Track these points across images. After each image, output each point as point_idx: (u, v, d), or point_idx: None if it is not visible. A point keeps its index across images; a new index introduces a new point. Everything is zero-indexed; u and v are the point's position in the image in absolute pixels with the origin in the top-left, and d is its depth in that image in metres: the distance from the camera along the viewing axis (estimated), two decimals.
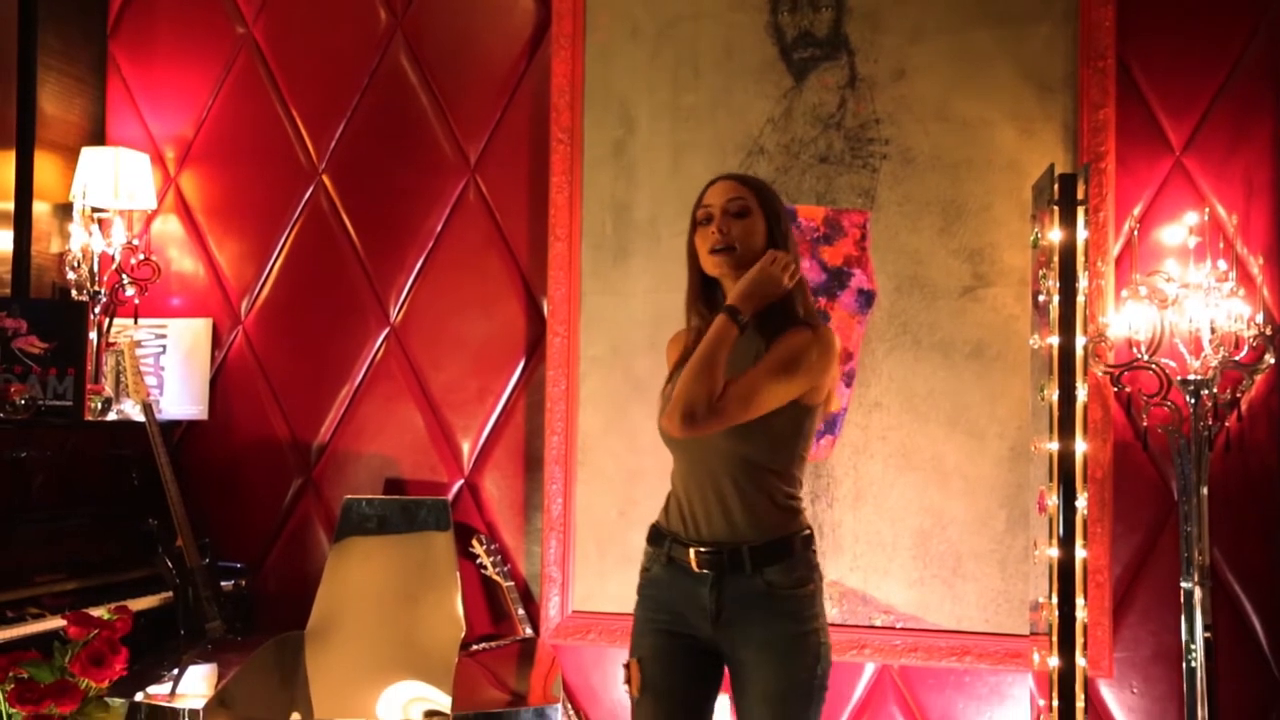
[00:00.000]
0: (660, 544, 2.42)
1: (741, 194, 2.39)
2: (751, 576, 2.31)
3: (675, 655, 2.39)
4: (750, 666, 2.30)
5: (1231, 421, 3.38)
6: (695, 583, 2.34)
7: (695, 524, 2.36)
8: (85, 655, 2.26)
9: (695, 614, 2.35)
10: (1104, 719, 3.50)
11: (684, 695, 2.40)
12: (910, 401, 3.63)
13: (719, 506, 2.34)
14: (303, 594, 3.82)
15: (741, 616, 2.31)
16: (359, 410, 4.09)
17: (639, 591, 2.47)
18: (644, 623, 2.43)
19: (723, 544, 2.32)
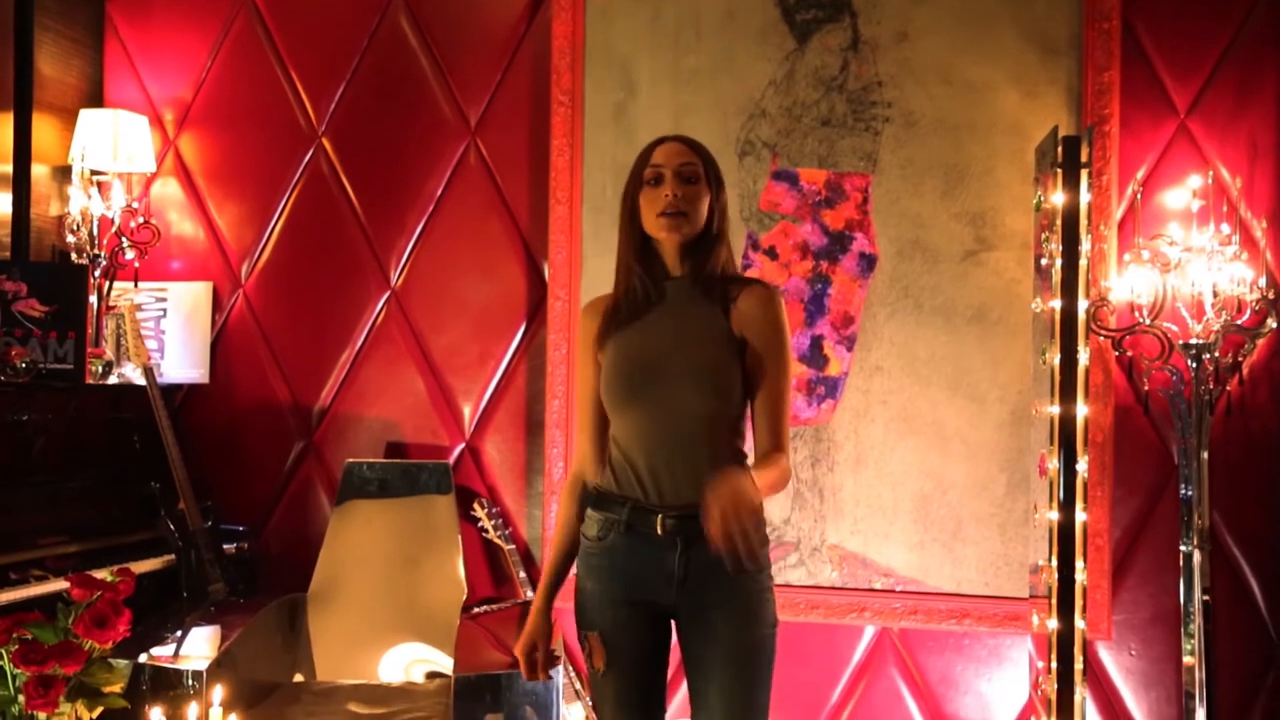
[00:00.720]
0: (616, 510, 2.33)
1: (693, 160, 2.34)
2: None
3: (637, 626, 2.36)
4: (715, 627, 2.29)
5: (1233, 385, 3.38)
6: (661, 549, 2.29)
7: (661, 489, 2.30)
8: (89, 617, 2.27)
9: (658, 581, 2.31)
10: (1102, 681, 3.52)
11: (647, 666, 2.39)
12: (911, 366, 3.63)
13: (687, 468, 2.29)
14: (305, 557, 3.83)
15: (708, 580, 2.29)
16: (360, 374, 4.09)
17: (587, 561, 2.39)
18: (599, 595, 2.37)
19: (691, 507, 2.25)
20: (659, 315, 2.36)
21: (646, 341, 2.34)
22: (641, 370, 2.32)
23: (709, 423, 2.31)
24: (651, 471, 2.31)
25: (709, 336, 2.32)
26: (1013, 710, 3.58)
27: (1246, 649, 3.44)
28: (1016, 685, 3.58)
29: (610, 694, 2.38)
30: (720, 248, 2.37)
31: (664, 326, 2.34)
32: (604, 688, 2.38)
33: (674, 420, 2.30)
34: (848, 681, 3.70)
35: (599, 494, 2.39)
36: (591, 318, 2.44)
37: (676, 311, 2.35)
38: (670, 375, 2.30)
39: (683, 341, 2.32)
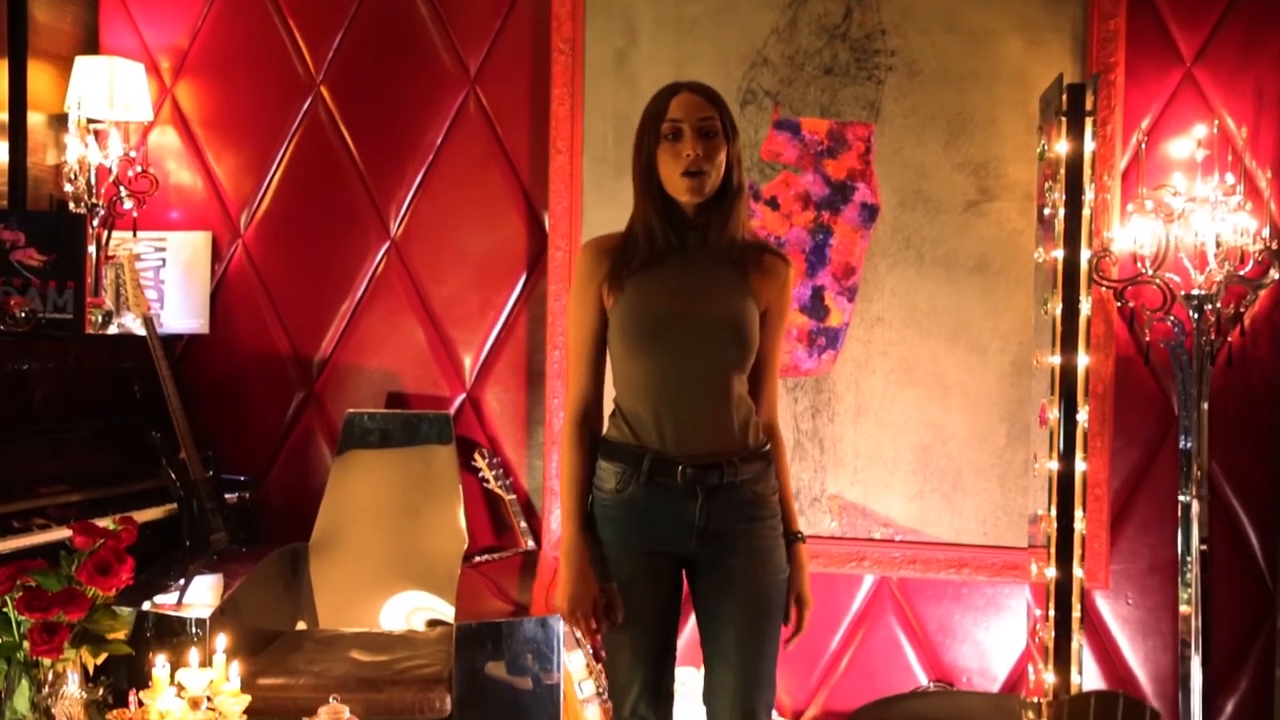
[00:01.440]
0: (634, 461, 2.30)
1: (711, 113, 2.28)
2: (740, 488, 2.31)
3: (656, 575, 2.36)
4: (732, 572, 2.32)
5: (1234, 336, 3.37)
6: (682, 499, 2.29)
7: (682, 438, 2.29)
8: (92, 564, 2.28)
9: (678, 530, 2.31)
10: (1099, 629, 3.55)
11: (664, 616, 2.39)
12: (912, 316, 3.62)
13: (710, 419, 2.30)
14: (306, 506, 3.85)
15: (728, 528, 2.31)
16: (360, 324, 4.08)
17: (604, 512, 2.36)
18: (618, 547, 2.35)
19: (711, 456, 2.29)
20: (680, 265, 2.33)
21: (671, 289, 2.31)
22: (668, 318, 2.30)
23: (731, 375, 2.33)
24: (674, 419, 2.29)
25: (735, 290, 2.33)
26: (1010, 658, 3.61)
27: (1243, 598, 3.46)
28: (1014, 634, 3.61)
29: (626, 645, 2.37)
30: (740, 202, 2.34)
31: (688, 277, 2.32)
32: (619, 639, 2.37)
33: (699, 369, 2.30)
34: (846, 630, 3.73)
35: (612, 445, 2.36)
36: (597, 258, 2.37)
37: (698, 264, 2.33)
38: (699, 325, 2.29)
39: (710, 294, 2.31)
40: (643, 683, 2.38)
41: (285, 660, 3.29)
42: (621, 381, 2.37)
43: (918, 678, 3.66)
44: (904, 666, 3.68)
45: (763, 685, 2.33)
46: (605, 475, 2.36)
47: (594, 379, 2.41)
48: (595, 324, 2.37)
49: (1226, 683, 3.47)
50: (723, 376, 2.31)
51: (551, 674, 3.23)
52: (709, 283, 2.32)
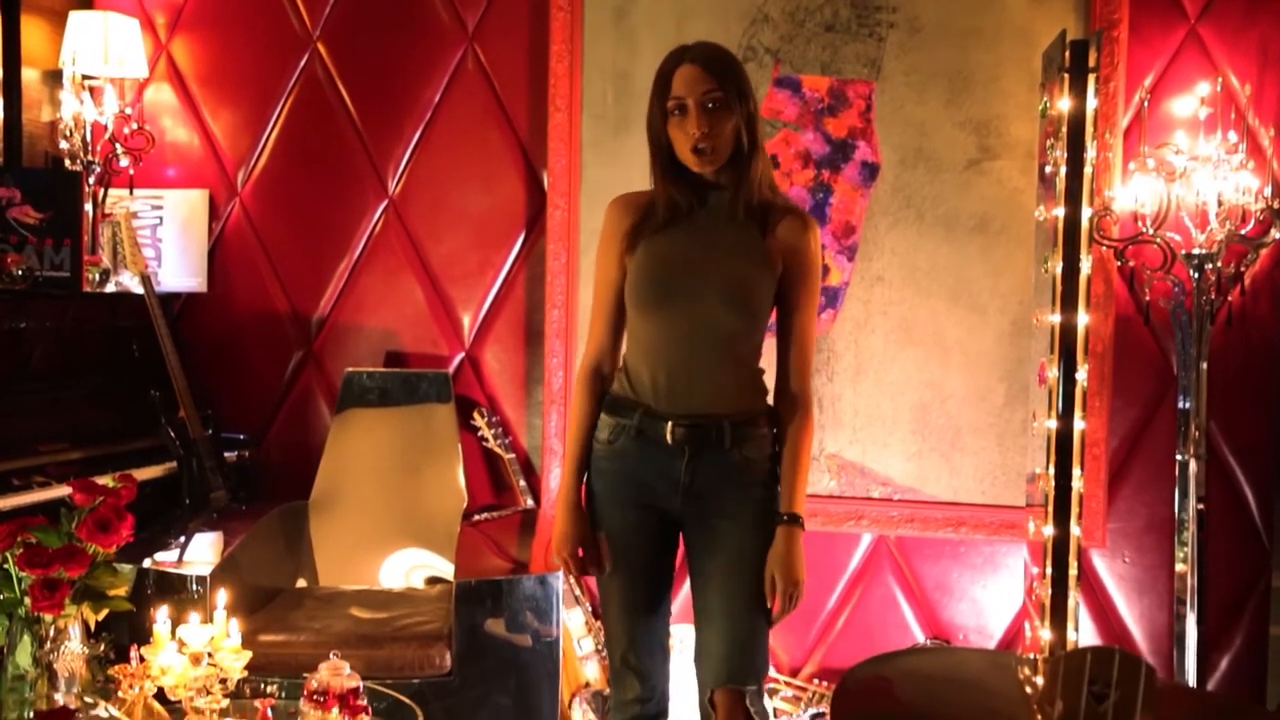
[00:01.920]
0: (627, 415, 2.35)
1: (713, 87, 2.26)
2: (729, 451, 2.31)
3: (644, 530, 2.39)
4: (720, 535, 2.33)
5: (1234, 296, 3.37)
6: (669, 456, 2.32)
7: (673, 396, 2.31)
8: (92, 521, 2.28)
9: (665, 487, 2.34)
10: (1095, 587, 3.57)
11: (653, 568, 2.42)
12: (912, 276, 3.61)
13: (705, 379, 2.31)
14: (305, 465, 3.85)
15: (714, 489, 2.32)
16: (359, 283, 4.07)
17: (597, 463, 2.41)
18: (608, 498, 2.40)
19: (702, 418, 2.30)
20: (695, 224, 2.34)
21: (680, 249, 2.32)
22: (671, 278, 2.31)
23: (733, 339, 2.32)
24: (668, 378, 2.32)
25: (745, 254, 2.31)
26: (1006, 616, 3.63)
27: (1239, 557, 3.48)
28: (1011, 592, 3.62)
29: (615, 595, 2.42)
30: (755, 163, 2.32)
31: (699, 237, 2.33)
32: (609, 589, 2.42)
33: (698, 332, 2.30)
34: (844, 588, 3.74)
35: (613, 398, 2.40)
36: (622, 213, 2.40)
37: (714, 224, 2.33)
38: (700, 287, 2.29)
39: (717, 255, 2.31)
40: (631, 633, 2.40)
41: (286, 617, 3.30)
42: (630, 338, 2.40)
43: (915, 635, 3.68)
44: (901, 624, 3.70)
45: (748, 650, 2.30)
46: (601, 427, 2.41)
47: (611, 333, 2.44)
48: (616, 279, 2.40)
49: (1221, 640, 3.50)
50: (722, 341, 2.31)
51: (550, 631, 3.25)
52: (718, 246, 2.32)
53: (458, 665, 3.15)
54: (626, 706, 2.43)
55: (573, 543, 2.40)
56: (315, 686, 2.24)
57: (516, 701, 3.21)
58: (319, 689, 2.24)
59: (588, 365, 2.45)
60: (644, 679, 2.42)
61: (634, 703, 2.43)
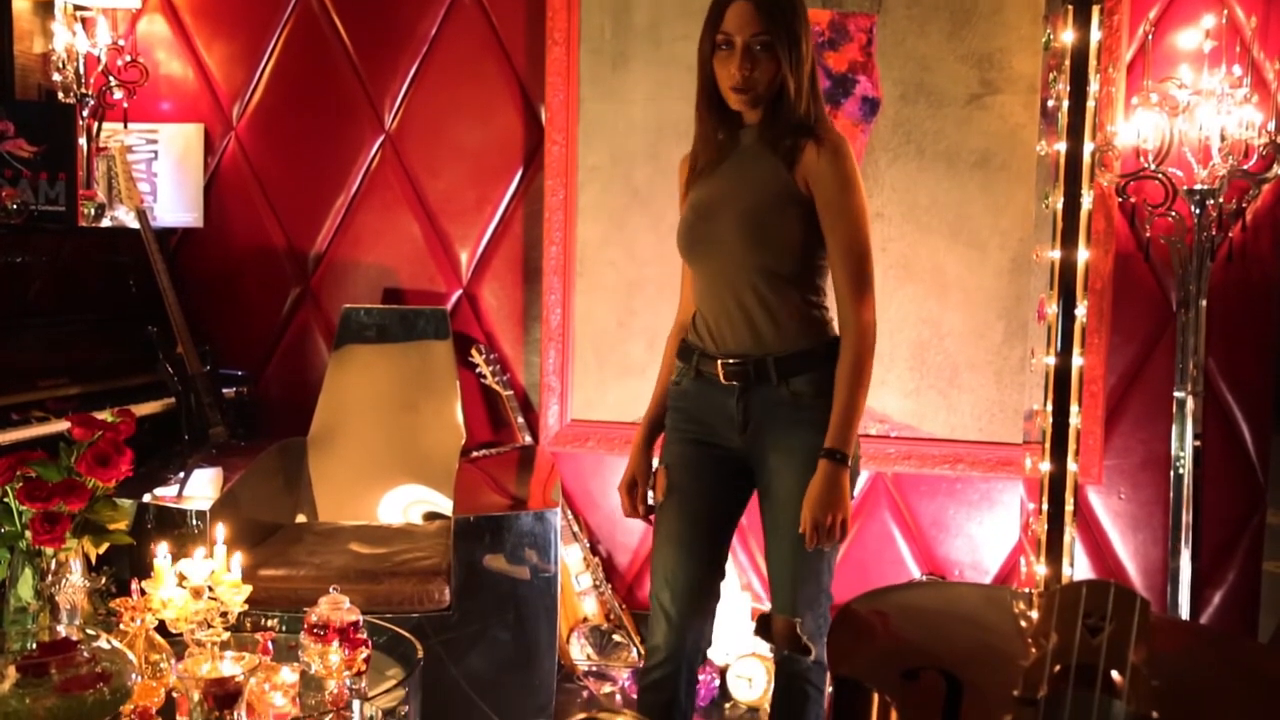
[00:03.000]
0: (689, 359, 2.44)
1: (762, 29, 2.23)
2: (777, 386, 2.33)
3: (701, 462, 2.44)
4: (775, 472, 2.34)
5: (1235, 232, 3.35)
6: (723, 394, 2.38)
7: (720, 337, 2.38)
8: (91, 455, 2.28)
9: (723, 425, 2.39)
10: (1091, 523, 3.59)
11: (707, 501, 2.44)
12: (912, 212, 3.59)
13: (742, 319, 2.34)
14: (304, 401, 3.86)
15: (769, 425, 2.35)
16: (355, 219, 4.05)
17: (670, 404, 2.51)
18: (672, 432, 2.49)
19: (748, 355, 2.34)
20: (728, 167, 2.36)
21: (709, 194, 2.37)
22: (698, 222, 2.38)
23: (761, 274, 2.32)
24: (713, 320, 2.39)
25: (764, 187, 2.30)
26: (1002, 552, 3.66)
27: (1234, 493, 3.49)
28: (1006, 528, 3.65)
29: (663, 526, 2.46)
30: (797, 102, 2.28)
31: (726, 180, 2.35)
32: (659, 520, 2.48)
33: (728, 272, 2.34)
34: None
35: (682, 345, 2.50)
36: (681, 169, 2.49)
37: (743, 163, 2.35)
38: (722, 227, 2.32)
39: (738, 193, 2.32)
40: (668, 567, 2.42)
41: (285, 552, 3.32)
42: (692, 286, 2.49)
43: (911, 572, 3.71)
44: (897, 560, 3.72)
45: (795, 583, 2.33)
46: (675, 371, 2.52)
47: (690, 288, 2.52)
48: None
49: (1214, 575, 3.52)
50: (751, 277, 2.32)
51: (549, 566, 3.27)
52: (741, 182, 2.33)
53: (456, 600, 3.17)
54: (654, 652, 2.45)
55: (630, 477, 2.52)
56: (315, 620, 2.26)
57: (515, 636, 3.24)
58: (319, 623, 2.26)
59: (676, 322, 2.58)
60: (674, 625, 2.41)
61: (660, 656, 2.43)
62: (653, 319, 3.73)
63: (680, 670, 2.43)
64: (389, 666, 2.48)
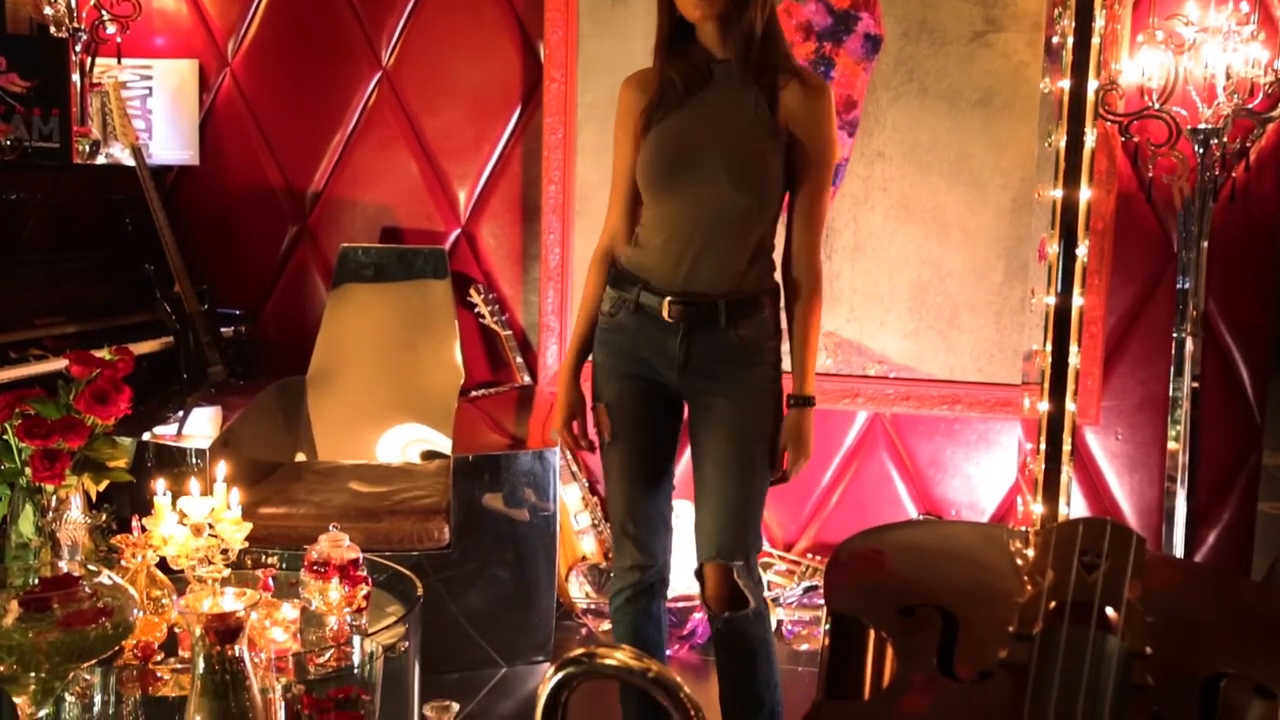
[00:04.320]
0: (628, 290, 2.36)
1: None
2: (725, 330, 2.31)
3: (643, 400, 2.40)
4: (715, 411, 2.33)
5: (1238, 172, 3.33)
6: (664, 332, 2.32)
7: (673, 273, 2.31)
8: (89, 393, 2.27)
9: (661, 362, 2.35)
10: (1087, 464, 3.60)
11: (652, 439, 2.43)
12: (913, 152, 3.56)
13: (707, 256, 2.29)
14: (302, 340, 3.85)
15: (709, 368, 2.33)
16: (353, 157, 4.02)
17: (600, 335, 2.43)
18: (608, 370, 2.42)
19: (698, 295, 2.30)
20: (702, 100, 2.29)
21: (689, 129, 2.29)
22: (678, 158, 2.29)
23: (739, 219, 2.29)
24: (674, 257, 2.31)
25: (750, 129, 2.26)
26: (999, 492, 3.67)
27: (1230, 434, 3.50)
28: (1003, 468, 3.66)
29: (615, 463, 2.44)
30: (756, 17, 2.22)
31: (705, 114, 2.29)
32: (609, 458, 2.45)
33: (704, 212, 2.29)
34: (839, 465, 3.78)
35: (617, 272, 2.40)
36: (634, 92, 2.37)
37: (721, 99, 2.28)
38: (708, 167, 2.27)
39: (723, 132, 2.27)
40: (630, 502, 2.43)
41: (285, 490, 3.33)
42: (644, 216, 2.39)
43: (908, 512, 3.73)
44: (894, 500, 3.74)
45: (736, 526, 2.33)
46: (605, 300, 2.42)
47: (627, 215, 2.42)
48: (631, 159, 2.37)
49: (1209, 515, 3.54)
50: (732, 221, 2.29)
51: (547, 505, 3.29)
52: (727, 123, 2.27)
53: (456, 539, 3.19)
54: (626, 573, 2.47)
55: (567, 415, 2.44)
56: (315, 558, 2.27)
57: (514, 574, 3.27)
58: (319, 560, 2.27)
59: (602, 246, 2.45)
60: (642, 548, 2.45)
61: (633, 569, 2.46)
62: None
63: (654, 583, 2.48)
64: (389, 604, 2.50)
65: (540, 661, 3.30)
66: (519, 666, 3.29)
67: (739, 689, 2.44)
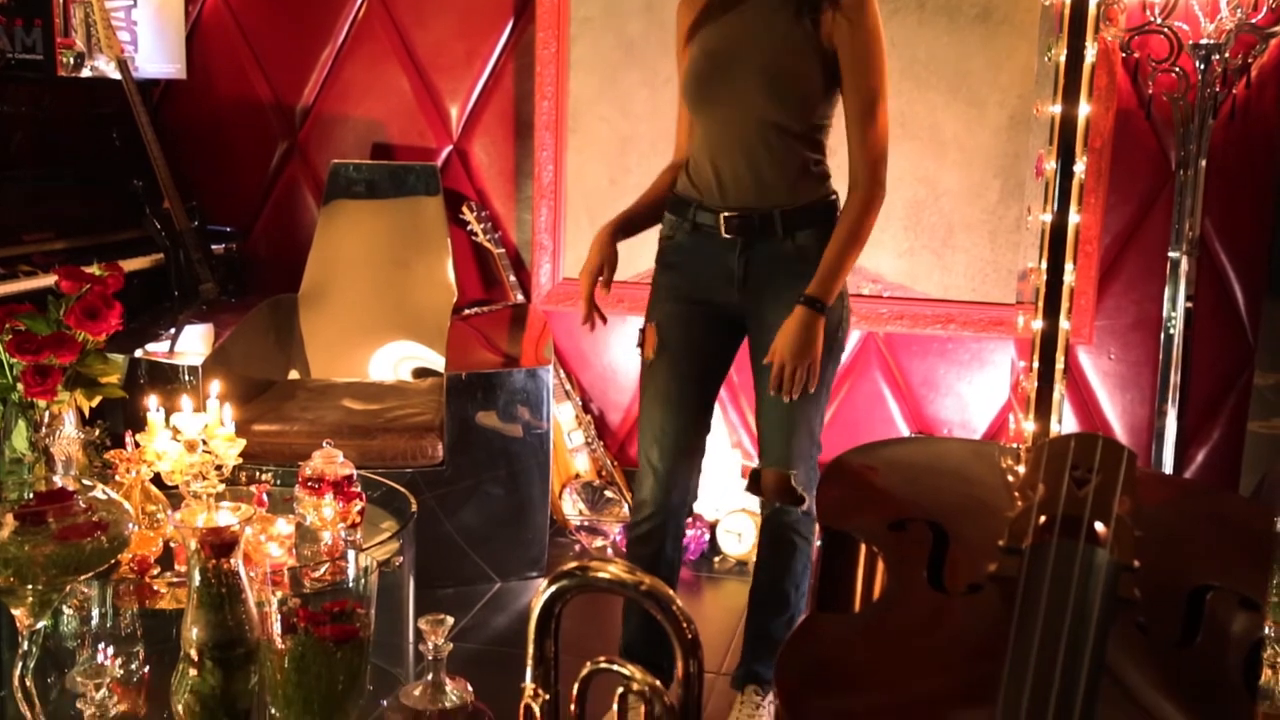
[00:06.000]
0: (684, 211, 2.38)
1: None
2: (782, 240, 2.32)
3: (692, 320, 2.41)
4: (775, 321, 2.32)
5: (1239, 89, 3.29)
6: (723, 248, 2.34)
7: (723, 189, 2.33)
8: (79, 309, 2.26)
9: (720, 280, 2.36)
10: (1080, 383, 3.61)
11: (698, 360, 2.44)
12: (911, 68, 3.52)
13: (750, 170, 2.31)
14: (294, 258, 3.83)
15: (769, 280, 2.34)
16: (343, 72, 3.96)
17: (659, 260, 2.45)
18: (663, 289, 2.43)
19: (752, 208, 2.31)
20: (743, 14, 2.28)
21: (723, 40, 2.30)
22: (713, 70, 2.30)
23: (776, 130, 2.29)
24: (718, 172, 2.32)
25: (788, 41, 2.25)
26: (991, 411, 3.69)
27: (1222, 353, 3.51)
28: (996, 388, 3.67)
29: (652, 383, 2.45)
30: None
31: (744, 26, 2.28)
32: (649, 376, 2.46)
33: (740, 123, 2.29)
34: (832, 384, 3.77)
35: (674, 197, 2.42)
36: (684, 8, 2.39)
37: (759, 12, 2.27)
38: (739, 77, 2.26)
39: (759, 44, 2.26)
40: (659, 428, 2.43)
41: (279, 408, 3.34)
42: (691, 135, 2.41)
43: (900, 430, 3.74)
44: (887, 419, 3.75)
45: (792, 434, 2.36)
46: (665, 224, 2.45)
47: (685, 130, 2.46)
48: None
49: (1199, 434, 3.56)
50: (768, 129, 2.28)
51: (541, 423, 3.30)
52: (764, 34, 2.26)
53: (449, 456, 3.21)
54: (642, 508, 2.49)
55: (598, 264, 2.39)
56: (309, 474, 2.28)
57: (508, 491, 3.29)
58: (313, 476, 2.28)
59: (672, 163, 2.50)
60: (659, 479, 2.45)
61: (649, 506, 2.47)
62: (646, 176, 3.62)
63: (667, 523, 2.48)
64: (384, 520, 2.52)
65: (534, 577, 3.34)
66: (513, 582, 3.33)
67: (771, 582, 2.49)
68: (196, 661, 1.57)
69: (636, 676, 1.24)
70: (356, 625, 1.61)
